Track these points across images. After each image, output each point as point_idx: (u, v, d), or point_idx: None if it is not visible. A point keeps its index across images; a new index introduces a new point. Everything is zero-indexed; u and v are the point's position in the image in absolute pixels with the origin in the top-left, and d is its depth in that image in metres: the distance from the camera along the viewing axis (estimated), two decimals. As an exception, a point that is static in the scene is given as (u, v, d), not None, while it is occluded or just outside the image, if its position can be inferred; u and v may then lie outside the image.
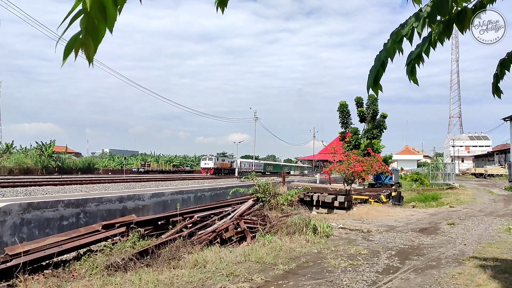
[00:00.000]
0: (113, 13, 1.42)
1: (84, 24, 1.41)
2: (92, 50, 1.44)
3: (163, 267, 6.92)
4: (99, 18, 1.41)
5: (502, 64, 3.46)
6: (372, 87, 2.93)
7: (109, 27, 1.44)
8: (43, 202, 9.60)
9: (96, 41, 1.44)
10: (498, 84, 3.52)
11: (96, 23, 1.41)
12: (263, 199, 11.90)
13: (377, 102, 34.73)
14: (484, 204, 20.12)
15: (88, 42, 1.43)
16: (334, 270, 6.75)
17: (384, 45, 2.94)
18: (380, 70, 2.90)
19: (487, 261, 7.44)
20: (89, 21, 1.41)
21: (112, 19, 1.43)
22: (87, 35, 1.42)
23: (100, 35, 1.44)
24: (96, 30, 1.42)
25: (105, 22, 1.42)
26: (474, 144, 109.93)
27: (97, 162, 70.16)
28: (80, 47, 1.43)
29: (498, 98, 3.58)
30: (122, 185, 23.03)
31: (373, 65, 2.96)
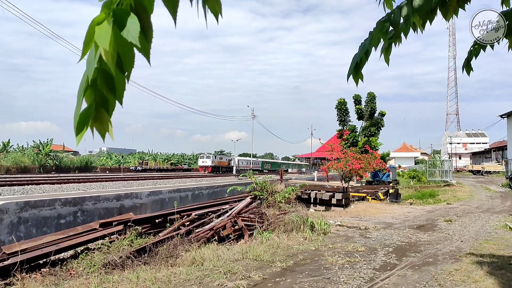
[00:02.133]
0: (121, 82, 1.23)
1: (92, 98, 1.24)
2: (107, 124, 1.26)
3: (160, 265, 6.92)
4: (107, 90, 1.24)
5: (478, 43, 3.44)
6: (353, 75, 2.84)
7: (118, 99, 1.25)
8: (40, 201, 9.58)
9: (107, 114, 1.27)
10: (471, 61, 3.51)
11: (105, 95, 1.24)
12: (260, 197, 11.91)
13: (375, 100, 34.75)
14: (481, 201, 20.20)
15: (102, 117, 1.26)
16: (332, 267, 6.76)
17: (370, 33, 2.86)
18: (363, 58, 2.82)
19: (484, 257, 7.47)
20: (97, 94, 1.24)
21: (121, 89, 1.23)
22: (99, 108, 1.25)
23: (110, 108, 1.26)
24: (106, 103, 1.25)
25: (114, 93, 1.24)
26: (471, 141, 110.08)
27: (95, 161, 69.97)
28: (94, 125, 1.26)
29: (467, 74, 3.57)
30: (120, 184, 23.01)
31: (356, 53, 2.87)
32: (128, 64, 1.21)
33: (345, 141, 34.03)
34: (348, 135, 34.30)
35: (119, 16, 1.15)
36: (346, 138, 34.21)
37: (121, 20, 1.15)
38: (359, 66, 2.84)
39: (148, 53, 1.21)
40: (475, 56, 3.45)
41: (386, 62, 2.93)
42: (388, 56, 2.95)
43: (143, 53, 1.20)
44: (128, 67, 1.22)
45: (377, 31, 2.77)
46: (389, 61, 2.94)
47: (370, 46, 2.78)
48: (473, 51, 3.44)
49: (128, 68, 1.22)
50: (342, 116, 35.33)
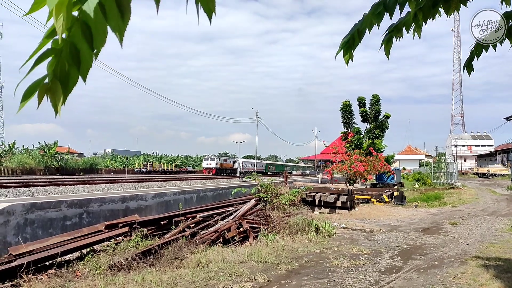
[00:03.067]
0: (88, 57, 1.20)
1: (52, 68, 1.20)
2: (59, 98, 1.21)
3: (166, 267, 6.94)
4: (70, 63, 1.19)
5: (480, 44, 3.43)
6: (343, 53, 2.80)
7: (82, 75, 1.22)
8: (46, 203, 9.63)
9: (65, 89, 1.21)
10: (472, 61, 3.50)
11: (66, 68, 1.19)
12: (265, 199, 11.92)
13: (379, 102, 34.67)
14: (487, 204, 20.09)
15: (55, 89, 1.20)
16: (337, 269, 6.76)
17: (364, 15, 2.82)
18: (356, 39, 2.79)
19: (490, 260, 7.43)
20: (57, 64, 1.19)
21: (87, 65, 1.20)
22: (55, 80, 1.20)
23: (71, 82, 1.21)
24: (67, 77, 1.20)
25: (78, 68, 1.20)
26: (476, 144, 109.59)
27: (100, 163, 70.24)
28: (46, 94, 1.21)
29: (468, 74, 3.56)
30: (125, 185, 23.09)
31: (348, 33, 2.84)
32: (98, 40, 1.18)
33: (350, 143, 33.97)
34: (353, 137, 34.22)
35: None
36: (351, 140, 34.15)
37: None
38: (351, 45, 2.80)
39: (122, 34, 1.18)
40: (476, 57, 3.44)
41: (386, 54, 2.92)
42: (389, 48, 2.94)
43: (117, 32, 1.16)
44: (98, 44, 1.19)
45: (370, 13, 2.74)
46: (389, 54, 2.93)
47: (362, 26, 2.75)
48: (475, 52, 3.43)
49: (98, 45, 1.19)
50: (346, 118, 35.25)
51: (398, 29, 2.88)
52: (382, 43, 2.92)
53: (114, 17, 1.14)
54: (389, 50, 2.92)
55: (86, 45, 1.17)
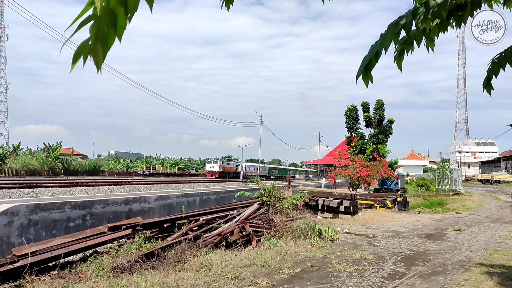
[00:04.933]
0: (123, 21, 1.43)
1: (94, 31, 1.42)
2: (101, 57, 1.45)
3: (168, 269, 6.94)
4: (109, 26, 1.42)
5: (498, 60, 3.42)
6: (363, 76, 2.84)
7: (118, 36, 1.45)
8: (50, 204, 9.67)
9: (105, 48, 1.45)
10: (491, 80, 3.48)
11: (105, 30, 1.42)
12: (268, 203, 11.90)
13: (383, 108, 34.65)
14: (491, 211, 19.99)
15: (97, 49, 1.43)
16: (340, 274, 6.74)
17: (381, 35, 2.87)
18: (373, 60, 2.83)
19: (494, 267, 7.39)
20: (99, 28, 1.41)
21: (122, 27, 1.44)
22: (97, 41, 1.42)
23: (109, 42, 1.45)
24: (106, 38, 1.43)
25: (114, 30, 1.43)
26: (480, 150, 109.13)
27: (103, 165, 70.48)
28: (89, 54, 1.44)
29: (488, 93, 3.52)
30: (128, 188, 23.12)
31: (366, 55, 2.88)
32: (132, 8, 1.43)
33: (353, 148, 33.92)
34: (356, 142, 34.19)
35: None
36: (354, 145, 34.11)
37: None
38: (369, 67, 2.84)
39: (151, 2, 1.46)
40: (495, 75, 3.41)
41: (398, 68, 2.95)
42: (401, 62, 2.97)
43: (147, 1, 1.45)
44: (131, 10, 1.43)
45: (389, 33, 2.79)
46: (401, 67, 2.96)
47: (381, 47, 2.79)
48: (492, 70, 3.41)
49: (131, 11, 1.43)
50: (351, 123, 35.22)
51: (409, 43, 2.91)
52: (394, 58, 2.94)
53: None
54: (401, 64, 2.95)
55: (122, 10, 1.42)
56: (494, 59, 3.43)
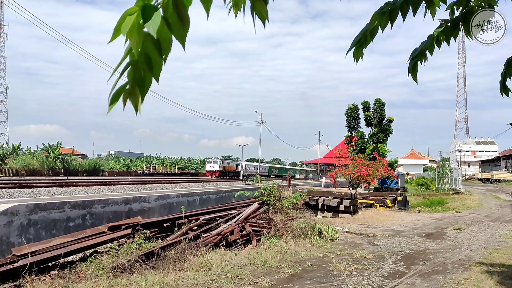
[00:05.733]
0: (158, 62, 1.44)
1: (132, 75, 1.43)
2: (139, 100, 1.46)
3: (168, 269, 6.94)
4: (145, 69, 1.43)
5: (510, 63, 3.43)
6: (354, 51, 2.82)
7: (155, 77, 1.46)
8: (50, 203, 9.66)
9: (142, 91, 1.46)
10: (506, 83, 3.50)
11: (142, 74, 1.44)
12: (268, 202, 11.90)
13: (383, 107, 34.66)
14: (491, 210, 19.99)
15: (135, 92, 1.45)
16: (340, 274, 6.73)
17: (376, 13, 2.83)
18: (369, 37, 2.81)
19: (494, 266, 7.39)
20: (136, 72, 1.43)
21: (158, 68, 1.45)
22: (135, 85, 1.44)
23: (147, 85, 1.46)
24: (143, 81, 1.45)
25: (151, 72, 1.44)
26: (480, 149, 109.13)
27: (103, 164, 70.42)
28: (128, 97, 1.45)
29: (506, 96, 3.54)
30: (128, 187, 23.12)
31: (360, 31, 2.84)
32: (165, 48, 1.43)
33: (353, 147, 33.93)
34: (356, 141, 34.19)
35: (147, 11, 1.36)
36: (354, 144, 34.12)
37: (147, 14, 1.35)
38: (362, 44, 2.82)
39: (184, 40, 1.45)
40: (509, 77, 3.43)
41: (414, 80, 2.97)
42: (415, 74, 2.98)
43: (180, 40, 1.43)
44: (165, 51, 1.44)
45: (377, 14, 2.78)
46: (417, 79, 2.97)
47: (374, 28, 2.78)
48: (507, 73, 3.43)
49: (165, 51, 1.44)
50: (351, 122, 35.23)
51: (422, 53, 2.93)
52: (409, 70, 2.96)
53: (177, 27, 1.42)
54: (416, 75, 2.96)
55: (157, 53, 1.43)
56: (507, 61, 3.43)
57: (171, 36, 1.41)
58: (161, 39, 1.39)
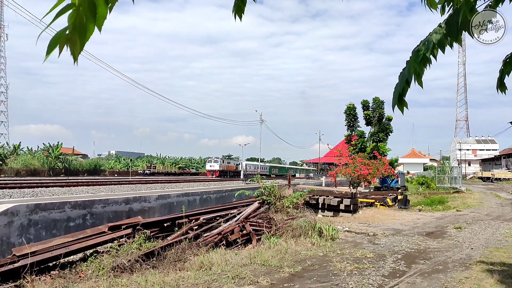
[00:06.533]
0: (103, 11, 1.35)
1: (72, 20, 1.33)
2: (78, 48, 1.37)
3: (169, 269, 6.94)
4: (88, 15, 1.33)
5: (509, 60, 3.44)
6: (398, 104, 2.96)
7: (98, 25, 1.37)
8: (50, 204, 9.66)
9: (83, 38, 1.36)
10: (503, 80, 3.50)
11: (84, 20, 1.34)
12: (268, 201, 11.89)
13: (383, 106, 34.65)
14: (491, 208, 19.99)
15: (74, 39, 1.35)
16: (340, 273, 6.73)
17: (407, 62, 2.99)
18: (405, 86, 2.93)
19: (495, 265, 7.39)
20: (77, 17, 1.33)
21: (102, 17, 1.36)
22: (74, 31, 1.35)
23: (88, 33, 1.37)
24: (84, 28, 1.35)
25: (94, 19, 1.35)
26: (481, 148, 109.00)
27: (104, 164, 70.43)
28: (66, 43, 1.36)
29: (503, 93, 3.56)
30: (128, 187, 23.12)
31: (397, 83, 2.98)
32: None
33: (353, 146, 33.93)
34: (356, 140, 34.19)
35: None
36: (354, 143, 34.11)
37: None
38: (402, 95, 2.95)
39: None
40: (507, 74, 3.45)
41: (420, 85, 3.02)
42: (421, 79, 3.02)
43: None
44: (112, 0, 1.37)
45: (413, 61, 2.89)
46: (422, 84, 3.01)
47: (410, 75, 2.90)
48: (505, 70, 3.44)
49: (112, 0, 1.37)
50: (351, 121, 35.25)
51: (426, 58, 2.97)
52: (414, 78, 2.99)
53: None
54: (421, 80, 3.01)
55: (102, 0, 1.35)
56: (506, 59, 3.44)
57: None
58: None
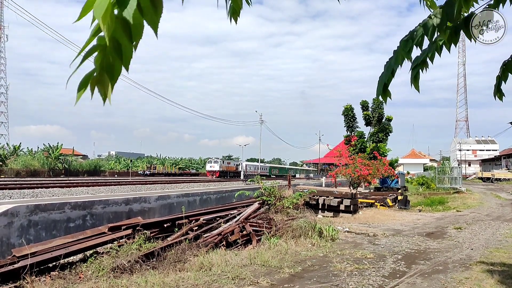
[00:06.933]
0: (129, 50, 1.35)
1: (99, 62, 1.34)
2: (108, 88, 1.36)
3: (169, 269, 6.93)
4: (114, 56, 1.34)
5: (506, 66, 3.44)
6: (382, 94, 2.97)
7: (125, 65, 1.37)
8: (50, 204, 9.65)
9: (112, 79, 1.36)
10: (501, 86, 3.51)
11: (111, 60, 1.34)
12: (268, 202, 11.88)
13: (382, 106, 34.64)
14: (491, 209, 19.98)
15: (103, 80, 1.35)
16: (340, 274, 6.73)
17: (394, 52, 2.97)
18: (390, 76, 2.94)
19: (495, 266, 7.38)
20: (104, 58, 1.34)
21: (128, 56, 1.35)
22: (103, 72, 1.35)
23: (116, 73, 1.36)
24: (112, 68, 1.35)
25: (121, 59, 1.35)
26: (481, 148, 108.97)
27: (104, 165, 70.39)
28: (96, 85, 1.35)
29: (500, 100, 3.57)
30: (128, 188, 23.11)
31: (382, 72, 2.99)
32: (136, 34, 1.34)
33: (353, 147, 33.92)
34: (356, 141, 34.19)
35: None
36: (354, 144, 34.11)
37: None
38: (387, 85, 2.94)
39: (156, 26, 1.34)
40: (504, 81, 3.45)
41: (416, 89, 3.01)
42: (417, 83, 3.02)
43: (151, 25, 1.33)
44: (136, 37, 1.34)
45: (401, 50, 2.87)
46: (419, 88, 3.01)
47: (396, 65, 2.89)
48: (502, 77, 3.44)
49: (136, 38, 1.34)
50: (349, 122, 35.26)
51: (423, 62, 2.96)
52: (411, 79, 2.99)
53: (149, 12, 1.32)
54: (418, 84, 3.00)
55: (127, 39, 1.33)
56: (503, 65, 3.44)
57: (142, 21, 1.33)
58: (133, 24, 1.31)
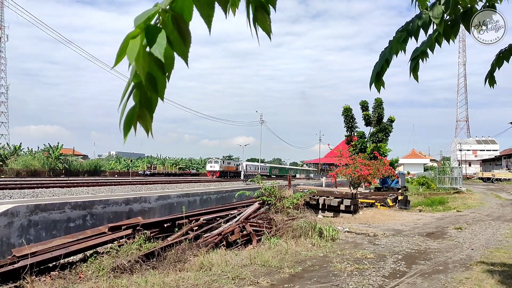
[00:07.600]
0: (162, 81, 1.43)
1: (138, 98, 1.42)
2: (149, 121, 1.45)
3: (169, 269, 6.93)
4: (150, 90, 1.42)
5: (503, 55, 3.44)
6: (375, 82, 2.95)
7: (160, 96, 1.45)
8: (50, 204, 9.65)
9: (150, 111, 1.45)
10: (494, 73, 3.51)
11: (149, 95, 1.42)
12: (268, 202, 11.88)
13: (382, 106, 34.64)
14: (492, 209, 19.97)
15: (144, 114, 1.43)
16: (340, 274, 6.72)
17: (390, 42, 2.97)
18: (384, 65, 2.92)
19: (495, 266, 7.37)
20: (142, 94, 1.42)
21: (162, 88, 1.43)
22: (142, 107, 1.43)
23: (154, 105, 1.45)
24: (150, 102, 1.44)
25: (156, 92, 1.43)
26: (481, 148, 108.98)
27: (104, 165, 70.40)
28: (138, 120, 1.44)
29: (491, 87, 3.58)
30: (129, 188, 23.10)
31: (377, 61, 2.98)
32: (168, 66, 1.40)
33: (354, 147, 33.92)
34: (357, 141, 34.19)
35: (151, 33, 1.32)
36: (355, 144, 34.10)
37: (151, 36, 1.32)
38: (380, 74, 2.94)
39: (186, 57, 1.42)
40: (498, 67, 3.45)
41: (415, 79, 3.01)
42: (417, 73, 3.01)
43: (182, 56, 1.40)
44: (168, 69, 1.41)
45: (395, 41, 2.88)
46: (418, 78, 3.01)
47: (390, 55, 2.89)
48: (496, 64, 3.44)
49: (168, 69, 1.41)
50: (349, 122, 35.27)
51: (423, 52, 2.96)
52: (410, 70, 2.98)
53: (178, 44, 1.39)
54: (417, 74, 3.00)
55: (160, 72, 1.40)
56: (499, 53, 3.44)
57: (173, 54, 1.39)
58: (164, 58, 1.37)
